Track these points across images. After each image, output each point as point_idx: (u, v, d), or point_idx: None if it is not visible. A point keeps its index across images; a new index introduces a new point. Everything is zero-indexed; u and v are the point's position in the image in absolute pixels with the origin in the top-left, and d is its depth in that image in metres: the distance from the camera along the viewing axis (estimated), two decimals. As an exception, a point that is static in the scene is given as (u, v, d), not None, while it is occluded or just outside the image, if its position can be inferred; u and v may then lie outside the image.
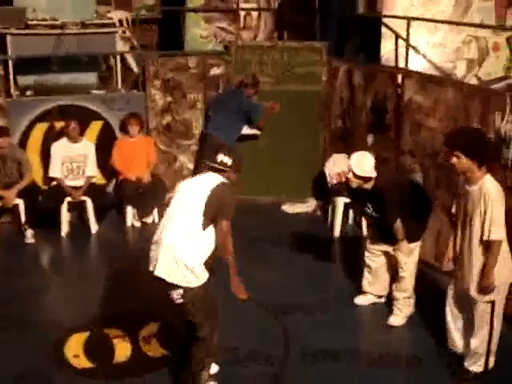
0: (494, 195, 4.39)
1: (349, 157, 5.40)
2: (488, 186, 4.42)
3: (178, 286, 4.29)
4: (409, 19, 7.14)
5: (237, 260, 4.62)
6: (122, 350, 5.19)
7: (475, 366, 4.81)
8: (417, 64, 7.49)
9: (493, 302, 4.58)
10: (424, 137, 6.64)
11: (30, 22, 8.23)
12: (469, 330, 4.78)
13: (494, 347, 4.74)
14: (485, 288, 4.53)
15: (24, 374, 4.87)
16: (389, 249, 5.58)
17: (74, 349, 5.21)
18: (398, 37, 7.42)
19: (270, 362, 5.05)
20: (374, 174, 5.24)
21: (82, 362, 5.05)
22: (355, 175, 5.24)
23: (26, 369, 4.93)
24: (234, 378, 4.87)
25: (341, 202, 7.43)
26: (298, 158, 8.35)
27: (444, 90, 6.40)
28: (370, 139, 7.47)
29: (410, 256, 5.46)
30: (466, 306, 4.77)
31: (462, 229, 4.64)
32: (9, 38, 8.07)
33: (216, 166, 4.40)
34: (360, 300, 5.90)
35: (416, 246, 5.49)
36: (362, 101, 7.62)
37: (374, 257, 5.74)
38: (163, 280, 4.30)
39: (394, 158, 7.06)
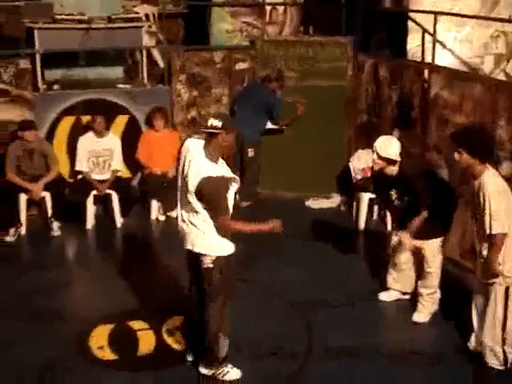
0: (491, 190, 4.48)
1: (373, 152, 5.39)
2: (486, 181, 4.52)
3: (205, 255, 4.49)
4: (436, 14, 7.07)
5: (257, 254, 4.62)
6: (146, 342, 5.23)
7: (494, 362, 4.79)
8: (443, 59, 7.41)
9: (507, 288, 4.61)
10: (450, 132, 6.57)
11: (57, 17, 8.30)
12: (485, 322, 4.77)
13: (509, 337, 4.71)
14: (490, 275, 4.60)
15: (49, 365, 4.93)
16: (415, 242, 5.50)
17: (99, 341, 5.26)
18: (424, 31, 7.36)
19: (292, 357, 5.05)
20: (398, 158, 5.22)
21: (107, 354, 5.10)
22: (379, 156, 5.23)
23: (51, 360, 4.99)
24: (256, 373, 4.88)
25: (365, 197, 7.40)
26: (323, 154, 8.32)
27: (471, 86, 6.34)
28: (395, 134, 7.42)
29: (436, 251, 5.42)
30: (483, 298, 4.77)
31: (474, 223, 4.74)
32: (36, 33, 8.13)
33: (208, 130, 4.45)
34: (384, 296, 5.87)
35: (443, 242, 5.44)
36: (388, 96, 7.57)
37: (400, 253, 5.70)
38: (194, 254, 4.52)
39: (419, 154, 7.01)
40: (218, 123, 4.40)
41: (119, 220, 7.65)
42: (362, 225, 7.47)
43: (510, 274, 4.60)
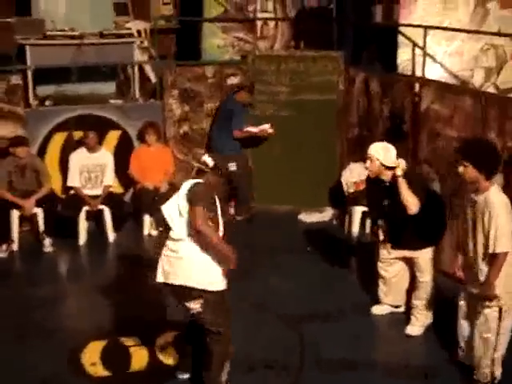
0: (498, 207, 4.37)
1: (368, 159, 5.37)
2: (493, 198, 4.40)
3: (195, 294, 4.40)
4: (425, 28, 7.12)
5: (251, 267, 4.61)
6: (139, 358, 5.20)
7: (482, 377, 4.74)
8: (434, 72, 7.46)
9: (500, 309, 4.54)
10: (442, 146, 6.61)
11: (48, 33, 8.32)
12: (475, 340, 4.73)
13: (498, 357, 4.66)
14: (487, 296, 4.52)
15: (42, 382, 4.90)
16: (407, 254, 5.50)
17: (91, 357, 5.23)
18: (414, 45, 7.41)
19: (285, 370, 5.04)
20: (394, 164, 5.23)
21: (99, 371, 5.07)
22: (376, 163, 5.22)
23: (43, 376, 4.96)
24: (249, 388, 4.87)
25: (358, 210, 7.41)
26: (315, 167, 8.34)
27: (462, 99, 6.38)
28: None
29: (429, 260, 5.42)
30: (474, 315, 4.71)
31: (471, 237, 4.61)
32: (28, 49, 8.15)
33: (198, 165, 4.55)
34: (377, 310, 5.86)
35: (434, 252, 5.45)
36: (379, 109, 7.61)
37: (388, 266, 5.68)
38: (180, 289, 4.40)
39: (411, 167, 7.02)
40: (210, 162, 4.52)
41: (112, 235, 7.63)
42: (354, 238, 7.47)
43: (503, 295, 4.50)
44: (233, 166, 7.96)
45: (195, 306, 4.46)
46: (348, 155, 8.25)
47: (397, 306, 5.82)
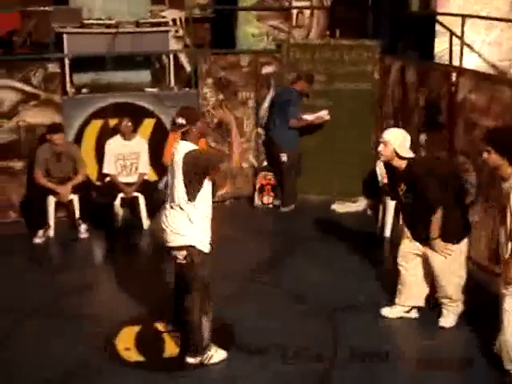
0: None
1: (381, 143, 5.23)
2: None
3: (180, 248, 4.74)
4: (464, 17, 7.02)
5: (284, 256, 4.62)
6: (173, 343, 5.25)
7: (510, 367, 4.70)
8: (471, 62, 7.36)
9: None
10: (478, 136, 6.50)
11: (85, 22, 8.39)
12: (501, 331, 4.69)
13: None
14: (506, 279, 4.49)
15: (77, 366, 4.97)
16: (423, 249, 5.34)
17: (126, 342, 5.30)
18: (452, 34, 7.31)
19: (318, 360, 5.04)
20: (408, 155, 5.12)
21: (133, 355, 5.13)
22: (390, 148, 5.09)
23: (77, 361, 5.03)
24: (282, 376, 4.88)
25: (392, 202, 7.35)
26: (350, 157, 8.31)
27: (499, 89, 6.28)
28: (422, 138, 7.38)
29: (447, 260, 5.20)
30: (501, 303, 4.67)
31: (501, 226, 4.58)
32: (65, 37, 8.23)
33: (179, 129, 4.64)
34: (387, 312, 5.65)
35: (458, 250, 5.22)
36: (415, 99, 7.53)
37: (406, 261, 5.47)
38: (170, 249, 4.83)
39: (447, 158, 6.96)
40: (182, 120, 4.60)
41: (146, 222, 7.70)
42: (387, 231, 7.40)
43: None
44: (284, 157, 8.11)
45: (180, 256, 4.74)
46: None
47: (409, 311, 5.60)
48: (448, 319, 5.45)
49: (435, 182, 5.05)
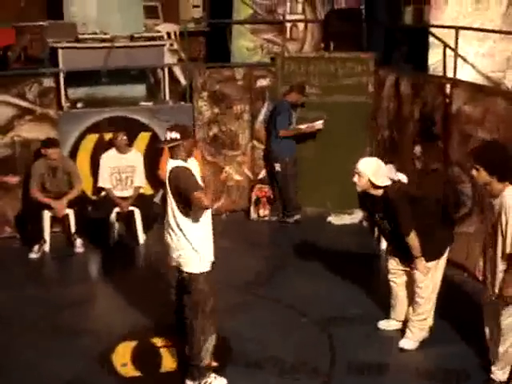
0: None
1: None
2: (508, 201, 4.42)
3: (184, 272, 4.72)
4: (457, 28, 7.06)
5: (280, 268, 4.57)
6: (170, 358, 5.22)
7: (501, 374, 4.75)
8: (465, 74, 7.38)
9: None
10: (473, 147, 6.53)
11: (80, 36, 8.41)
12: (497, 337, 4.72)
13: None
14: (506, 298, 4.52)
15: (72, 381, 4.95)
16: (406, 268, 5.33)
17: (122, 357, 5.27)
18: (446, 46, 7.35)
19: (315, 374, 5.03)
20: (384, 184, 5.08)
21: (130, 371, 5.11)
22: (365, 179, 5.08)
23: (74, 377, 5.01)
24: (279, 390, 4.87)
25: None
26: (345, 169, 8.27)
27: (494, 100, 6.30)
28: (417, 150, 7.40)
29: (427, 276, 5.18)
30: (494, 314, 4.71)
31: (491, 241, 4.62)
32: (60, 52, 8.24)
33: (169, 144, 4.65)
34: (383, 325, 5.66)
35: (434, 266, 5.18)
36: (410, 111, 7.55)
37: (396, 277, 5.47)
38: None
39: (442, 169, 6.97)
40: (175, 134, 4.61)
41: (142, 237, 7.69)
42: (383, 243, 7.38)
43: None
44: (277, 167, 8.16)
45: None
46: (378, 157, 8.16)
47: (405, 322, 5.55)
48: (409, 342, 5.33)
49: (405, 208, 5.00)
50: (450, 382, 4.95)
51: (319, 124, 8.21)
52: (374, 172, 5.08)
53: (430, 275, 5.20)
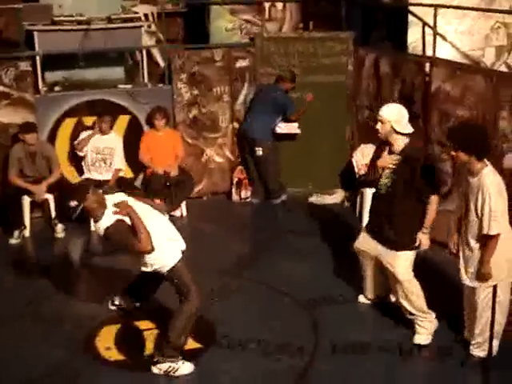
0: (492, 189, 4.45)
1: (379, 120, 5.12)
2: (486, 179, 4.47)
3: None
4: (436, 7, 7.05)
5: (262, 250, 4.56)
6: (153, 342, 5.22)
7: (479, 351, 4.82)
8: (444, 52, 7.40)
9: (494, 287, 4.58)
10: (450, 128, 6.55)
11: (56, 19, 8.28)
12: (473, 315, 4.80)
13: (497, 332, 4.73)
14: (482, 276, 4.60)
15: (57, 367, 4.94)
16: (381, 251, 5.23)
17: (106, 341, 5.27)
18: (425, 25, 7.34)
19: (300, 354, 5.05)
20: (408, 130, 5.06)
21: (114, 355, 5.10)
22: (393, 127, 4.99)
23: (59, 361, 5.00)
24: (263, 371, 4.89)
25: (369, 193, 7.36)
26: (326, 149, 8.32)
27: (473, 78, 6.32)
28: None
29: (408, 271, 5.13)
30: (469, 292, 4.80)
31: (464, 218, 4.68)
32: (36, 35, 8.12)
33: (75, 214, 5.02)
34: (362, 298, 5.74)
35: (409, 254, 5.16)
36: (389, 90, 7.55)
37: (361, 255, 5.49)
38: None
39: (422, 148, 6.98)
40: (73, 203, 5.03)
41: (123, 220, 7.63)
42: (365, 220, 7.42)
43: (496, 273, 4.57)
44: (259, 151, 8.12)
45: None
46: (359, 137, 8.21)
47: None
48: (422, 336, 5.19)
49: (433, 171, 5.05)
50: (431, 358, 5.00)
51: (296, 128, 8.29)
52: (396, 119, 5.05)
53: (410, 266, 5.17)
